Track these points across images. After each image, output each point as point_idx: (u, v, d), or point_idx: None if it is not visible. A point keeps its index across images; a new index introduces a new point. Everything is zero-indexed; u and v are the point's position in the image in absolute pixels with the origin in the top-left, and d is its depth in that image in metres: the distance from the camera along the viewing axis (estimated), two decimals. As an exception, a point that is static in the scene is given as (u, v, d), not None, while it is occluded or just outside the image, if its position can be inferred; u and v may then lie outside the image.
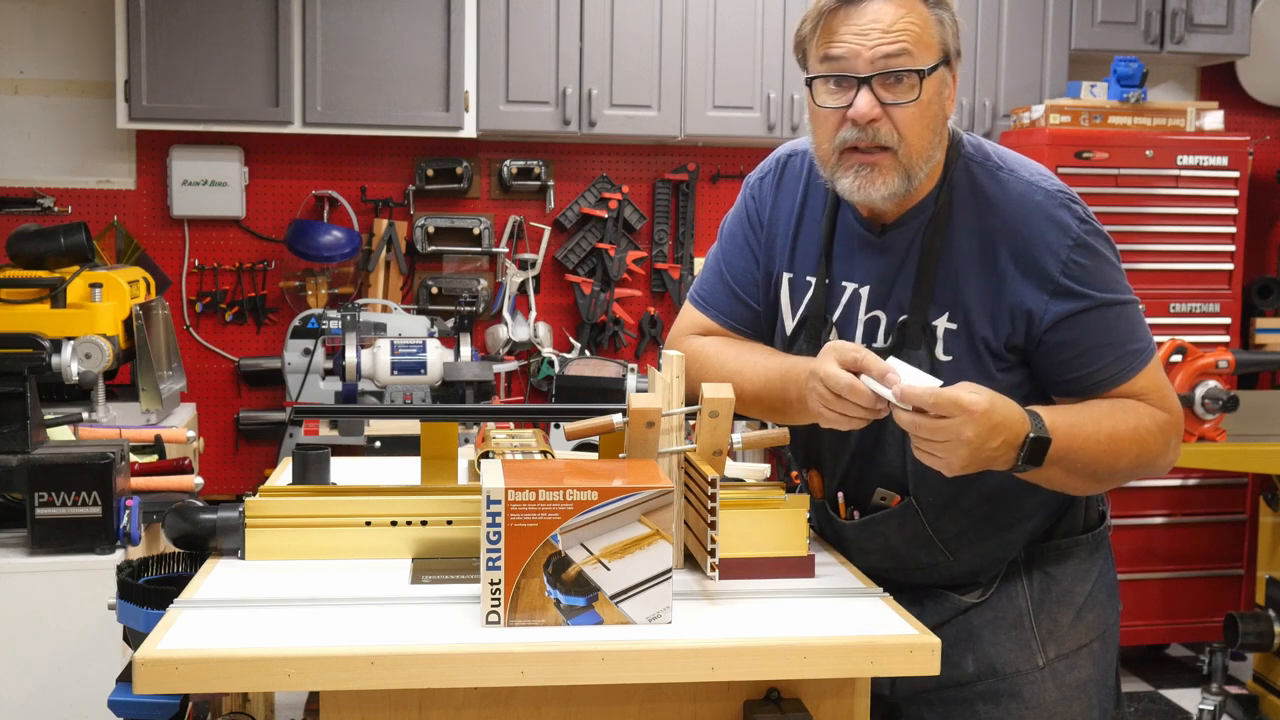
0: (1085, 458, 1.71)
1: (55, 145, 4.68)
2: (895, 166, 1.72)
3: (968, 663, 1.88)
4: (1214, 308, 4.51)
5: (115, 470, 2.33)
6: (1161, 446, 1.78)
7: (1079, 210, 1.78)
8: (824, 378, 1.64)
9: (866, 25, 1.69)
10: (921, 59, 1.70)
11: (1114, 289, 1.78)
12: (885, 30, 1.69)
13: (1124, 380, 1.77)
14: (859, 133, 1.71)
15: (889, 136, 1.71)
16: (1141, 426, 1.75)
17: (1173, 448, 1.80)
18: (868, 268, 1.84)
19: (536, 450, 2.08)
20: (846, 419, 1.65)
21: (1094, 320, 1.76)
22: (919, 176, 1.75)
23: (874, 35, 1.69)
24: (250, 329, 4.86)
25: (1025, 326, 1.76)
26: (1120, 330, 1.77)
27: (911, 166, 1.73)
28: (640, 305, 5.09)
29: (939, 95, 1.74)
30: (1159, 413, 1.77)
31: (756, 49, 4.68)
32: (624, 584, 1.52)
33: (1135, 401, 1.77)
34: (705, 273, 2.02)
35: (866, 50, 1.69)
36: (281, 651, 1.44)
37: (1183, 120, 4.49)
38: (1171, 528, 4.55)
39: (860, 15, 1.70)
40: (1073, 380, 1.78)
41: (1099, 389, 1.77)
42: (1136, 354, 1.78)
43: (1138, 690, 4.38)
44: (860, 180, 1.73)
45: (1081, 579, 1.91)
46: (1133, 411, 1.76)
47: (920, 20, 1.71)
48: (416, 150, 4.85)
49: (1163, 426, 1.77)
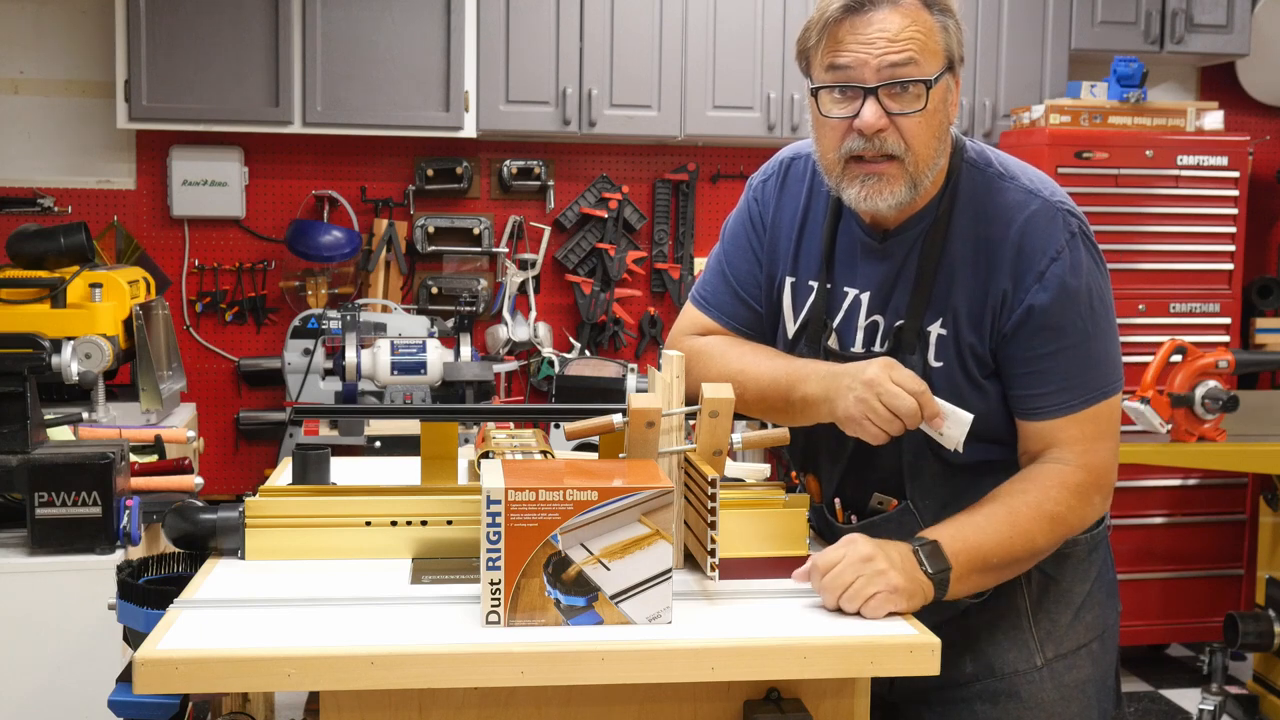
0: (997, 557, 1.71)
1: (55, 145, 4.68)
2: (902, 175, 1.73)
3: (966, 663, 1.88)
4: (1214, 308, 4.51)
5: (115, 470, 2.33)
6: (1078, 510, 1.76)
7: (1075, 223, 1.78)
8: (883, 393, 1.67)
9: (873, 34, 1.69)
10: (927, 68, 1.70)
11: (1086, 316, 1.76)
12: (892, 39, 1.68)
13: (1060, 414, 1.76)
14: (865, 143, 1.72)
15: (895, 146, 1.71)
16: (1046, 501, 1.74)
17: (1094, 505, 1.79)
18: (869, 274, 1.85)
19: (536, 450, 2.08)
20: (881, 434, 1.70)
21: (1055, 337, 1.75)
22: (924, 184, 1.76)
23: (880, 44, 1.68)
24: (250, 329, 4.86)
25: (994, 321, 1.76)
26: (1079, 360, 1.76)
27: (918, 175, 1.74)
28: (640, 305, 5.09)
29: (944, 103, 1.74)
30: (1070, 473, 1.76)
31: (756, 49, 4.68)
32: (624, 584, 1.52)
33: (1036, 470, 1.77)
34: (707, 273, 2.02)
35: (873, 60, 1.69)
36: (281, 651, 1.44)
37: (1183, 120, 4.49)
38: (1171, 528, 4.55)
39: (866, 25, 1.69)
40: (1015, 399, 1.79)
41: (1036, 416, 1.78)
42: (1082, 390, 1.76)
43: (1138, 690, 4.38)
44: (867, 190, 1.74)
45: (1080, 579, 1.91)
46: (1034, 487, 1.75)
47: (925, 28, 1.70)
48: (416, 150, 4.85)
49: (1074, 489, 1.76)
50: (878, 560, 1.60)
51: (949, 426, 1.73)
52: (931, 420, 1.71)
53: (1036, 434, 1.79)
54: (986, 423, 1.80)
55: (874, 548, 1.61)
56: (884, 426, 1.69)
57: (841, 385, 1.73)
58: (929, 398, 1.70)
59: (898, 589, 1.59)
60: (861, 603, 1.58)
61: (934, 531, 1.70)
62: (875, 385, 1.69)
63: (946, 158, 1.80)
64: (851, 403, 1.71)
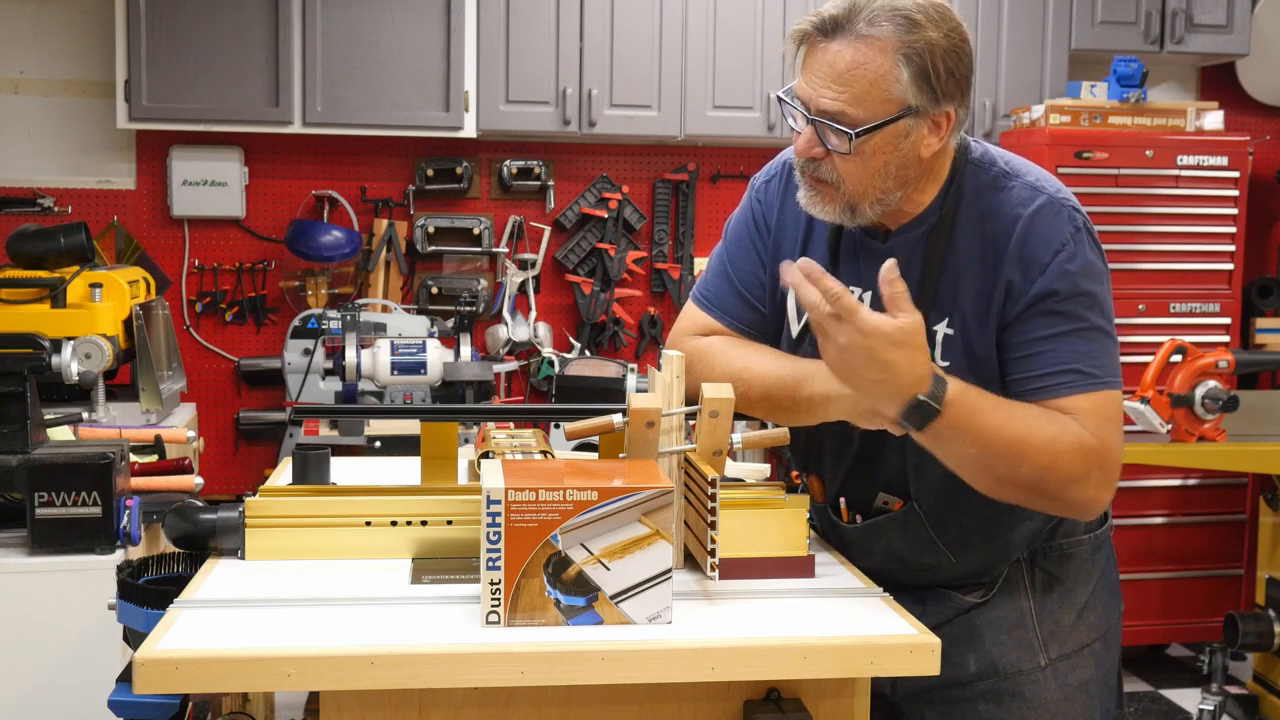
0: (979, 446, 1.65)
1: (55, 145, 4.68)
2: (836, 197, 1.75)
3: (969, 662, 1.88)
4: (1214, 308, 4.51)
5: (115, 470, 2.33)
6: (1078, 469, 1.68)
7: (1079, 219, 1.77)
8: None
9: (819, 68, 1.70)
10: (859, 117, 1.68)
11: (1090, 308, 1.74)
12: (833, 80, 1.68)
13: (1064, 394, 1.71)
14: (804, 162, 1.76)
15: (829, 174, 1.74)
16: (1060, 439, 1.67)
17: (1092, 480, 1.70)
18: (872, 274, 1.84)
19: (536, 450, 2.08)
20: None
21: (1057, 321, 1.72)
22: (866, 213, 1.76)
23: (820, 81, 1.69)
24: (250, 329, 4.86)
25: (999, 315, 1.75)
26: (1080, 345, 1.73)
27: (855, 201, 1.75)
28: (640, 305, 5.09)
29: (889, 147, 1.71)
30: (1086, 435, 1.69)
31: (756, 49, 4.68)
32: (624, 584, 1.52)
33: (1066, 417, 1.70)
34: (709, 274, 2.02)
35: (813, 96, 1.71)
36: (281, 651, 1.44)
37: (1183, 120, 4.49)
38: (1171, 528, 4.55)
39: (820, 54, 1.70)
40: (1016, 383, 1.74)
41: (1038, 395, 1.72)
42: (1087, 372, 1.72)
43: (1138, 690, 4.38)
44: (807, 198, 1.79)
45: (1084, 579, 1.91)
46: (1057, 423, 1.68)
47: (875, 73, 1.67)
48: (416, 150, 4.85)
49: (1085, 450, 1.68)
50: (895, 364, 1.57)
51: None
52: None
53: None
54: None
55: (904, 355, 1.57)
56: None
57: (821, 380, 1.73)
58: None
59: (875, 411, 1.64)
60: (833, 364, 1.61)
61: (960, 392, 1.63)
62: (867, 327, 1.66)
63: (948, 159, 1.79)
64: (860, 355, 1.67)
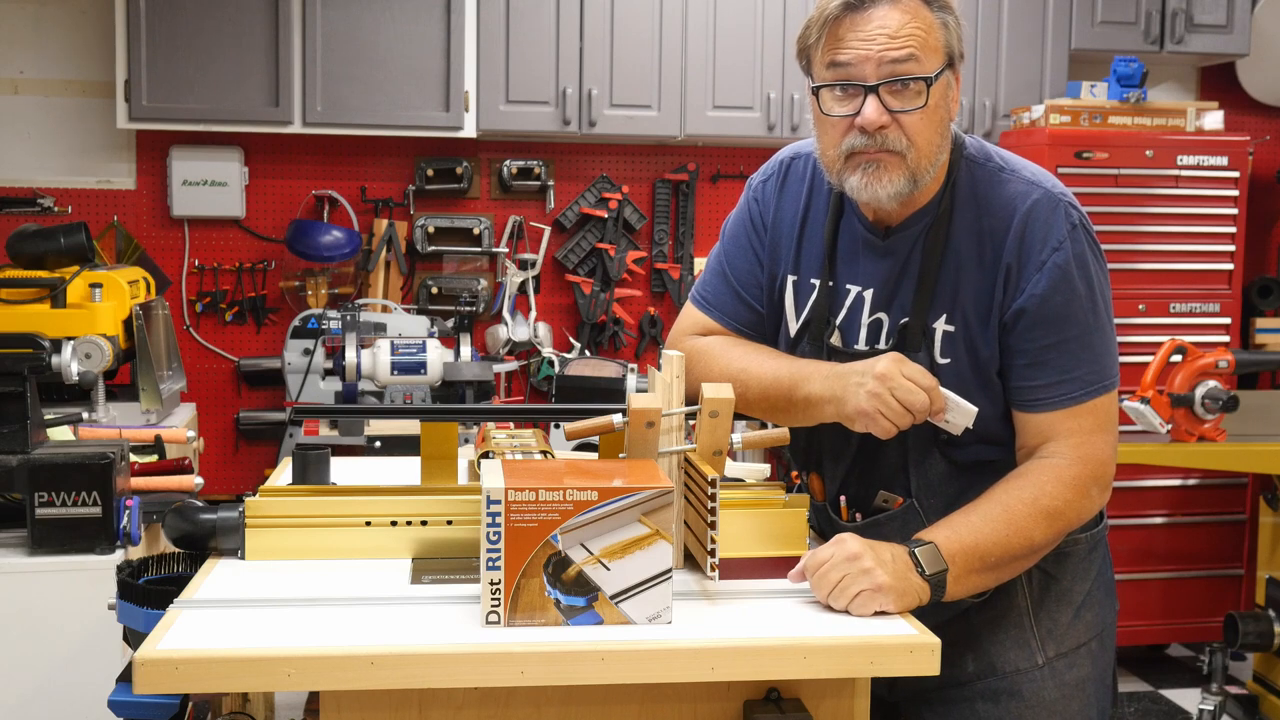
0: (995, 556, 1.71)
1: (55, 145, 4.68)
2: (902, 167, 1.73)
3: (967, 662, 1.88)
4: (1214, 308, 4.51)
5: (115, 470, 2.33)
6: (1075, 504, 1.76)
7: (1076, 215, 1.78)
8: (896, 387, 1.69)
9: (873, 31, 1.69)
10: (928, 65, 1.70)
11: (1087, 309, 1.77)
12: (892, 36, 1.68)
13: (1059, 406, 1.76)
14: (867, 140, 1.72)
15: (897, 142, 1.72)
16: (1042, 497, 1.73)
17: (1092, 498, 1.78)
18: (872, 271, 1.85)
19: (536, 450, 2.08)
20: (892, 428, 1.71)
21: (1055, 329, 1.75)
22: (925, 179, 1.76)
23: (880, 41, 1.68)
24: (250, 329, 4.86)
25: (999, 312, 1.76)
26: (1078, 352, 1.76)
27: (919, 170, 1.74)
28: (640, 305, 5.09)
29: (945, 99, 1.74)
30: (1065, 467, 1.75)
31: (756, 49, 4.68)
32: (624, 584, 1.52)
33: (1031, 467, 1.76)
34: (707, 274, 2.02)
35: (874, 56, 1.69)
36: (281, 651, 1.44)
37: (1183, 120, 4.49)
38: (1171, 528, 4.55)
39: (866, 22, 1.69)
40: (1013, 390, 1.79)
41: (1034, 407, 1.77)
42: (1082, 382, 1.76)
43: (1138, 690, 4.38)
44: (867, 177, 1.73)
45: (1080, 578, 1.91)
46: (1029, 483, 1.74)
47: (925, 25, 1.70)
48: (416, 150, 4.85)
49: (1070, 483, 1.75)
50: (864, 559, 1.60)
51: (954, 415, 1.75)
52: (938, 415, 1.73)
53: (1034, 427, 1.79)
54: (993, 422, 1.80)
55: (863, 547, 1.62)
56: (895, 420, 1.70)
57: (850, 382, 1.74)
58: (939, 392, 1.72)
59: (882, 587, 1.59)
60: (848, 600, 1.59)
61: (930, 533, 1.70)
62: (888, 379, 1.70)
63: (947, 154, 1.80)
64: (863, 398, 1.71)
